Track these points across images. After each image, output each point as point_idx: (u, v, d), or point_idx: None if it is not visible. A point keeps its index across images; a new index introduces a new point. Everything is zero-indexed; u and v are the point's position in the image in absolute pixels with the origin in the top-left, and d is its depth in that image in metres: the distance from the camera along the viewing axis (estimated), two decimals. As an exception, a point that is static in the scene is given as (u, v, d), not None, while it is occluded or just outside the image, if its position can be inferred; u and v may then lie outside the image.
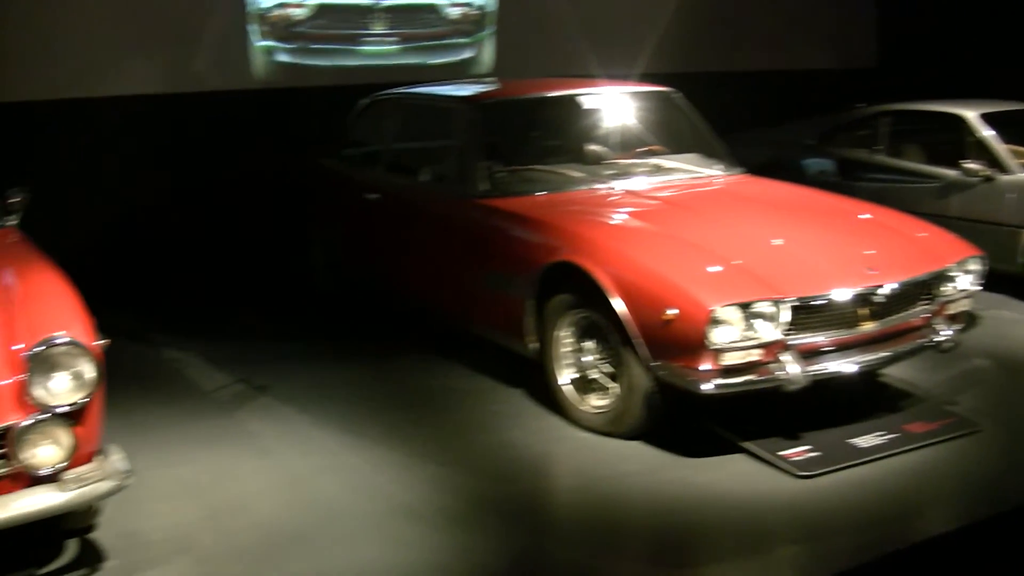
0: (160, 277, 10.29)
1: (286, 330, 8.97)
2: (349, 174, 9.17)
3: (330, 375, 7.66)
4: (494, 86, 9.20)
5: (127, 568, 5.01)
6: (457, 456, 6.23)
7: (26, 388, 4.54)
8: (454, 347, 7.98)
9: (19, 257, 5.77)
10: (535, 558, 5.17)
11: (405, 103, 9.02)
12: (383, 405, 7.05)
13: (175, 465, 6.12)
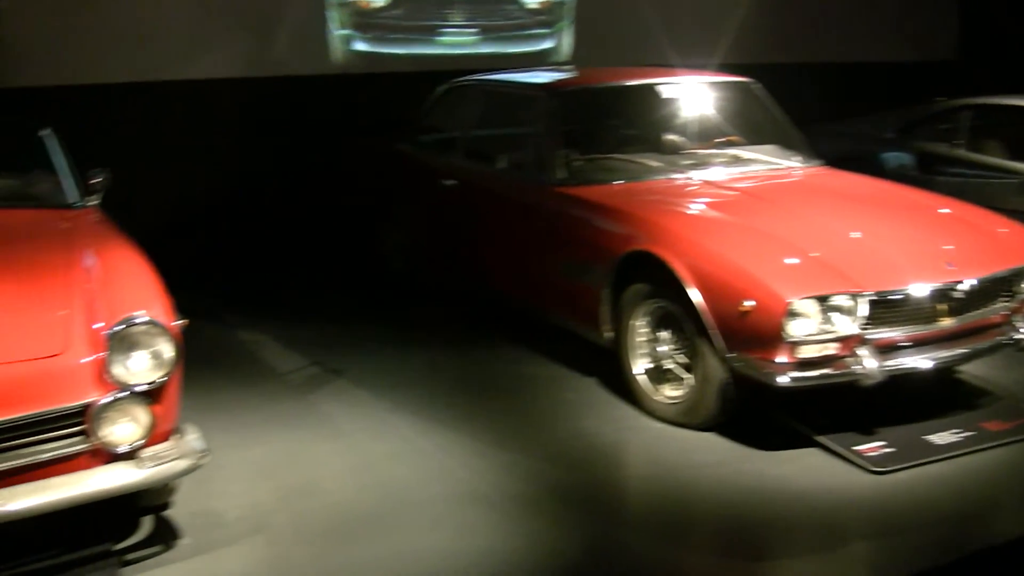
0: (237, 259, 10.37)
1: (361, 314, 8.99)
2: (426, 160, 9.16)
3: (404, 360, 7.68)
4: (573, 74, 9.17)
5: (201, 546, 5.06)
6: (529, 443, 6.23)
7: (106, 366, 4.60)
8: (528, 334, 7.97)
9: (100, 236, 5.84)
10: (606, 547, 5.15)
11: (483, 90, 9.01)
12: (456, 390, 7.06)
13: (249, 446, 6.17)
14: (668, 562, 5.07)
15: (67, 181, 6.61)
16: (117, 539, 5.10)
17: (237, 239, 10.62)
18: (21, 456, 4.52)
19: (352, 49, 11.86)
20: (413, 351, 7.89)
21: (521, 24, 12.57)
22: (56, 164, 6.70)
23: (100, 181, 6.58)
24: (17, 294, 4.98)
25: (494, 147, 8.38)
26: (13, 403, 4.47)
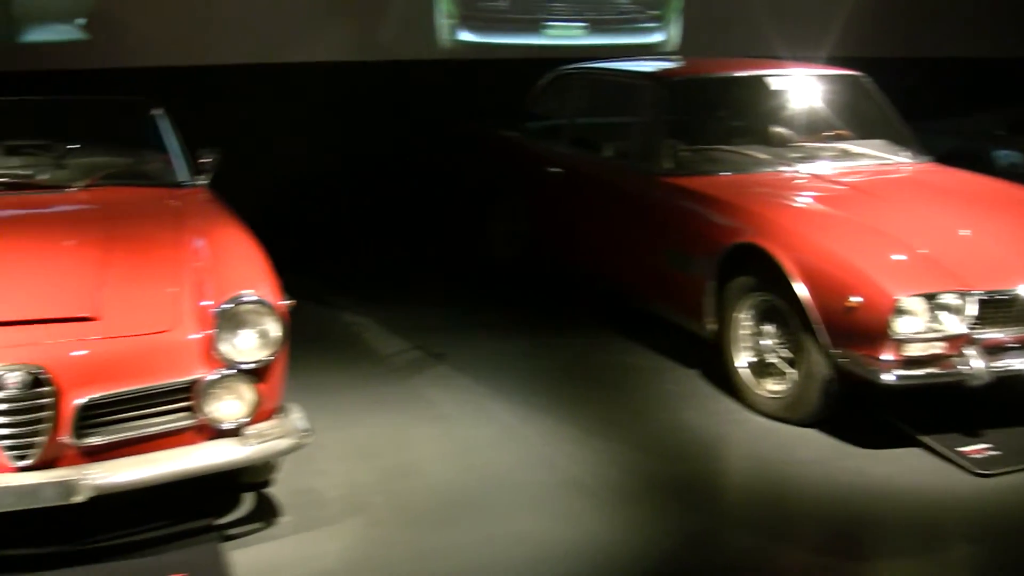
0: (341, 241, 10.45)
1: (464, 299, 9.02)
2: (532, 147, 9.17)
3: (506, 346, 7.70)
4: (681, 64, 9.15)
5: (301, 524, 5.11)
6: (629, 433, 6.22)
7: (213, 344, 4.67)
8: (630, 323, 7.96)
9: (209, 216, 5.93)
10: (705, 540, 5.14)
11: (590, 78, 9.01)
12: (557, 378, 7.06)
13: (351, 427, 6.22)
14: (766, 557, 5.04)
15: (178, 160, 6.72)
16: (219, 514, 5.17)
17: (342, 222, 10.70)
18: (129, 429, 4.60)
19: (457, 38, 11.91)
20: (515, 337, 7.91)
21: (631, 18, 12.54)
22: (167, 143, 6.82)
23: (210, 161, 6.67)
24: (129, 270, 5.08)
25: (600, 135, 8.39)
26: (123, 377, 4.56)
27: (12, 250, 5.37)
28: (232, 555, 4.81)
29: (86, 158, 6.71)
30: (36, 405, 4.40)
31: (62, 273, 5.07)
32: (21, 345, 4.50)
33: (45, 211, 6.09)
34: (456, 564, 4.82)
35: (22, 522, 4.64)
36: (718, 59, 9.34)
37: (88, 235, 5.50)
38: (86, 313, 4.70)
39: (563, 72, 9.31)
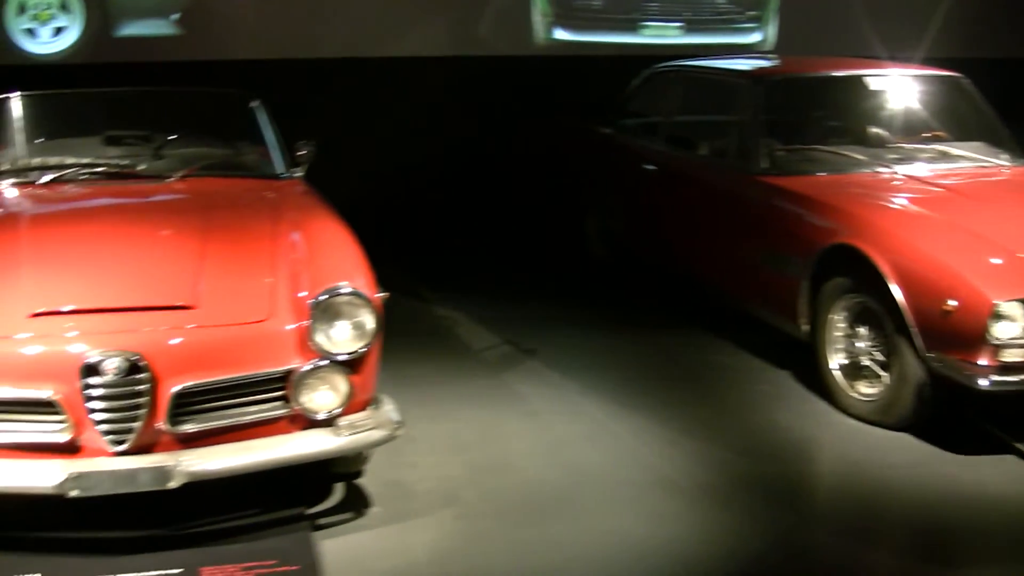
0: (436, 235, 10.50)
1: (557, 295, 9.00)
2: (627, 144, 9.16)
3: (598, 343, 7.70)
4: (779, 62, 9.08)
5: (391, 516, 5.14)
6: (721, 433, 6.19)
7: (308, 334, 4.71)
8: (723, 322, 7.91)
9: (305, 207, 5.99)
10: (793, 543, 5.09)
11: (687, 76, 8.98)
12: (649, 376, 7.04)
13: (442, 420, 6.24)
14: (855, 562, 4.97)
15: (275, 152, 6.79)
16: (310, 504, 5.22)
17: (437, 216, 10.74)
18: (225, 417, 4.68)
19: (553, 37, 11.91)
20: (608, 334, 7.90)
21: (729, 18, 12.48)
22: (265, 135, 6.88)
23: (306, 153, 6.72)
24: (226, 260, 5.15)
25: (696, 133, 8.36)
26: (219, 365, 4.63)
27: (112, 238, 5.47)
28: (322, 544, 4.85)
29: (184, 149, 6.79)
30: (134, 391, 4.48)
31: (161, 262, 5.15)
32: (120, 332, 4.58)
33: (144, 200, 6.17)
34: (546, 560, 4.82)
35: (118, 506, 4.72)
36: (816, 58, 9.26)
37: (186, 225, 5.58)
38: (184, 302, 4.77)
39: (659, 70, 9.29)
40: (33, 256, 5.16)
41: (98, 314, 4.68)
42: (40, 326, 4.63)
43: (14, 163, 6.55)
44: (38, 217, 5.90)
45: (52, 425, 4.51)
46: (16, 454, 4.55)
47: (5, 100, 6.84)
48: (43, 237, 5.46)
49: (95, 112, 7.12)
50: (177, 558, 4.71)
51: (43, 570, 4.63)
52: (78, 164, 6.41)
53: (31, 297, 4.77)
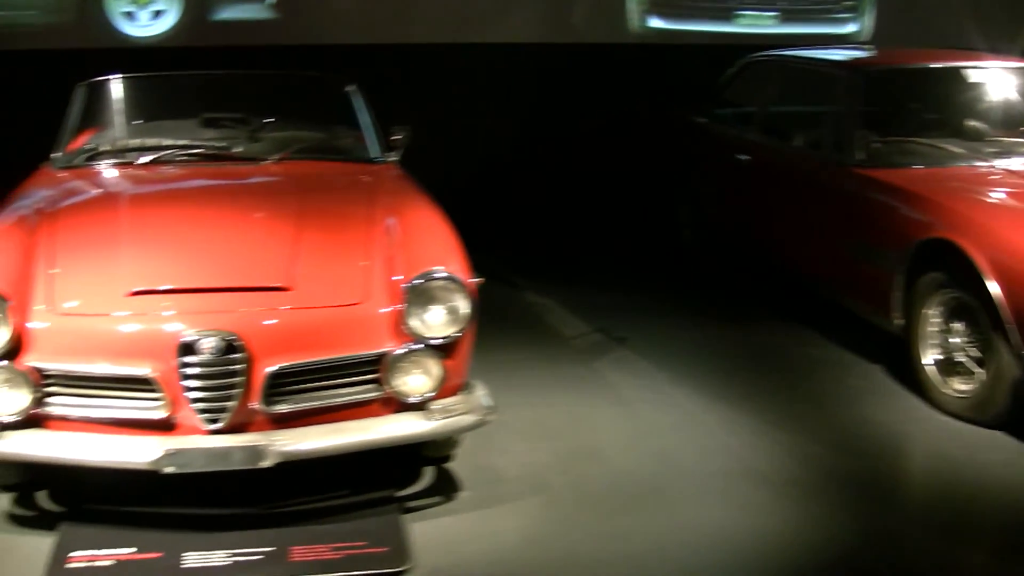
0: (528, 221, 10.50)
1: (648, 283, 8.99)
2: (721, 133, 9.11)
3: (688, 332, 7.67)
4: (875, 54, 8.98)
5: (480, 501, 5.16)
6: (811, 426, 6.14)
7: (403, 318, 4.74)
8: (815, 314, 7.84)
9: (400, 192, 6.01)
10: (884, 539, 5.02)
11: (782, 66, 8.91)
12: (740, 367, 7.00)
13: (532, 406, 6.25)
14: (946, 560, 4.90)
15: (370, 136, 6.81)
16: (400, 487, 5.25)
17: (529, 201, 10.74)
18: (318, 398, 4.72)
19: (648, 25, 11.87)
20: (698, 323, 7.87)
21: (826, 8, 12.37)
22: (360, 120, 6.91)
23: (401, 138, 6.73)
24: (322, 243, 5.19)
25: (791, 124, 8.30)
26: (314, 347, 4.67)
27: (208, 219, 5.52)
28: (411, 527, 4.87)
29: (280, 132, 6.85)
30: (229, 371, 4.53)
31: (257, 243, 5.20)
32: (217, 312, 4.64)
33: (240, 182, 6.22)
34: (634, 548, 4.81)
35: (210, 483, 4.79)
36: (913, 50, 9.17)
37: (282, 207, 5.62)
38: (280, 283, 4.81)
39: (755, 59, 9.23)
40: (132, 236, 5.23)
41: (195, 294, 4.74)
42: (138, 304, 4.69)
43: (113, 144, 6.64)
44: (136, 197, 5.98)
45: (149, 402, 4.58)
46: (113, 430, 4.63)
47: (104, 83, 6.93)
48: (141, 217, 5.52)
49: (192, 95, 7.20)
50: (268, 537, 4.76)
51: (137, 544, 4.70)
52: (175, 146, 6.48)
53: (130, 276, 4.83)
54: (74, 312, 4.72)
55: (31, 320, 4.67)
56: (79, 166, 6.43)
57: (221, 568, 4.55)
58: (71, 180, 6.21)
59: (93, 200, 5.99)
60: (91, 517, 4.93)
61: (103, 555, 4.63)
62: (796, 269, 8.09)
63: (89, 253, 5.10)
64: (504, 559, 4.70)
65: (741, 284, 8.93)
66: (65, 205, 5.69)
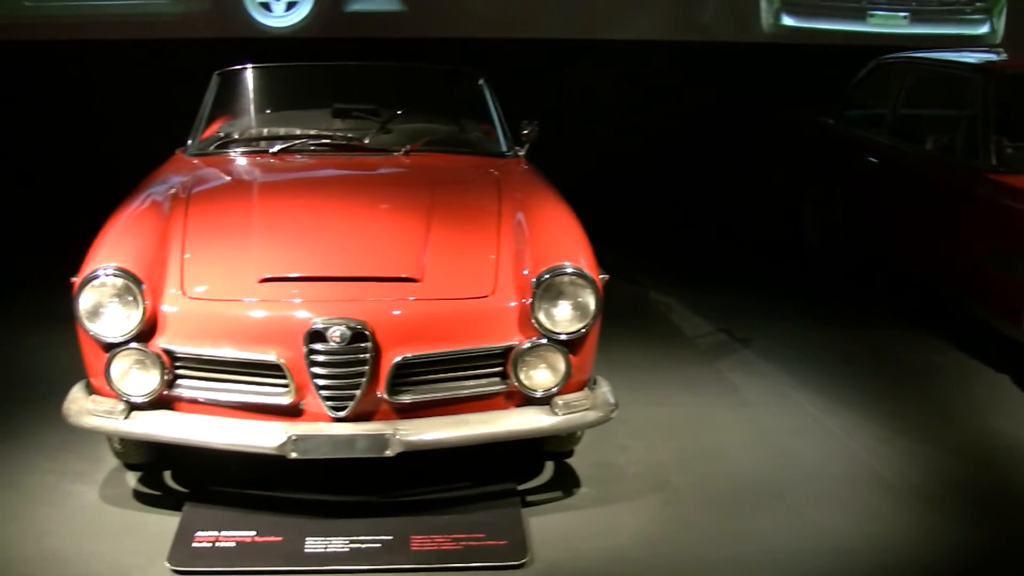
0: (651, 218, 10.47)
1: (772, 285, 8.91)
2: (850, 135, 9.02)
3: (813, 334, 7.59)
4: (1008, 56, 8.83)
5: (600, 498, 5.17)
6: (934, 434, 6.05)
7: (530, 312, 4.74)
8: (941, 319, 7.75)
9: (529, 186, 6.01)
10: (1007, 554, 4.94)
11: (913, 67, 8.77)
12: (864, 371, 6.91)
13: (653, 405, 6.24)
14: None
15: (500, 130, 6.83)
16: (520, 479, 5.27)
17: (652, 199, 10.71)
18: (443, 390, 4.75)
19: (780, 23, 11.79)
20: (822, 327, 7.78)
21: (957, 8, 12.18)
22: (490, 113, 6.93)
23: (529, 132, 6.73)
24: (451, 235, 5.20)
25: (921, 127, 8.19)
26: (441, 339, 4.70)
27: (339, 209, 5.57)
28: (530, 521, 4.89)
29: (411, 124, 6.87)
30: (356, 359, 4.57)
31: (386, 234, 5.23)
32: (346, 300, 4.68)
33: (370, 173, 6.26)
34: (753, 550, 4.79)
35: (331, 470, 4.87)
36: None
37: (412, 199, 5.64)
38: (409, 274, 4.84)
39: (885, 61, 9.13)
40: (263, 223, 5.29)
41: (325, 282, 4.79)
42: (268, 291, 4.76)
43: (245, 133, 6.72)
44: (268, 185, 6.04)
45: (276, 388, 4.64)
46: (240, 414, 4.71)
47: (238, 72, 7.03)
48: (273, 205, 5.57)
49: (324, 85, 7.27)
50: (388, 525, 4.81)
51: (258, 528, 4.79)
52: (307, 136, 6.54)
53: (261, 263, 4.90)
54: (205, 297, 4.80)
55: (164, 303, 4.75)
56: (212, 153, 6.52)
57: (341, 554, 4.62)
58: (204, 167, 6.30)
59: (225, 187, 6.07)
60: (214, 499, 5.04)
61: (226, 536, 4.73)
62: (925, 274, 7.98)
63: (221, 239, 5.18)
64: (622, 557, 4.70)
65: (867, 287, 8.82)
66: (198, 191, 5.77)
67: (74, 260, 4.96)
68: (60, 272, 5.12)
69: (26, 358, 6.91)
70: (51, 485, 5.23)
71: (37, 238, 9.84)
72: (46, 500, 5.09)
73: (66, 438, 5.51)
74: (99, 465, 5.39)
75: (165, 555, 4.58)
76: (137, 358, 4.69)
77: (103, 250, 4.96)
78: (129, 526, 4.88)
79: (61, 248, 5.62)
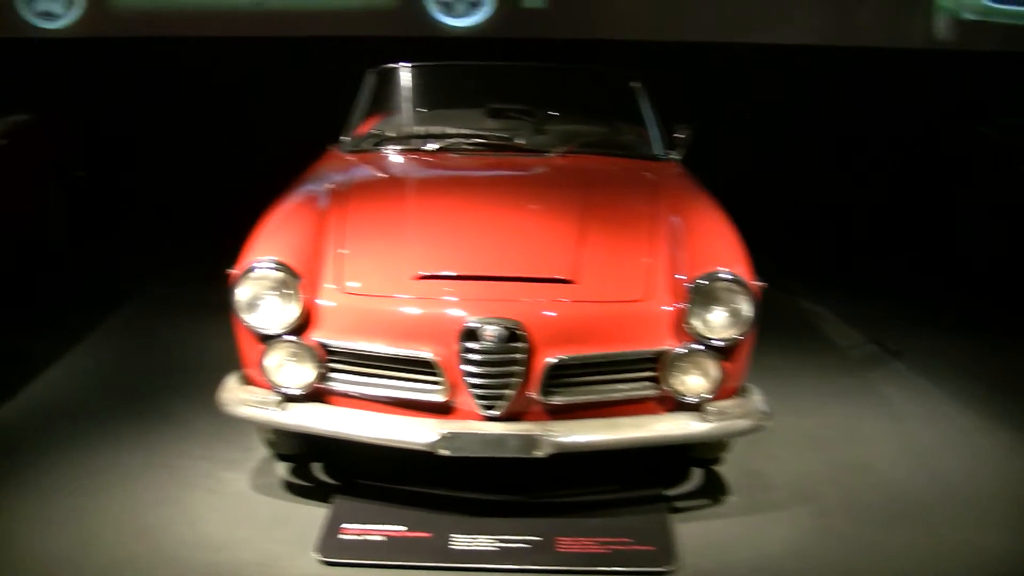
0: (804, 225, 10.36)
1: (926, 296, 8.77)
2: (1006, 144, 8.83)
3: (968, 347, 7.45)
4: None
5: (748, 507, 5.11)
6: (1096, 455, 5.89)
7: (684, 318, 4.71)
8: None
9: (684, 190, 5.98)
10: None
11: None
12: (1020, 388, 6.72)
13: (802, 414, 6.16)
14: None
15: (653, 133, 6.80)
16: (668, 485, 5.23)
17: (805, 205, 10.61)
18: (593, 392, 4.73)
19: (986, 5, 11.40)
20: (978, 339, 7.65)
21: None
22: (645, 116, 6.92)
23: (684, 137, 6.70)
24: (606, 238, 5.18)
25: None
26: (594, 341, 4.69)
27: (493, 208, 5.59)
28: (677, 527, 4.85)
29: (564, 125, 6.89)
30: (510, 359, 4.58)
31: (541, 235, 5.23)
32: (500, 300, 4.69)
33: (524, 174, 6.28)
34: (903, 566, 4.70)
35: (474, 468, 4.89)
36: None
37: (566, 200, 5.63)
38: (563, 275, 4.84)
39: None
40: (418, 221, 5.33)
41: (479, 281, 4.80)
42: (423, 288, 4.79)
43: (400, 131, 6.77)
44: (422, 183, 6.09)
45: (429, 385, 4.67)
46: (392, 409, 4.75)
47: (394, 70, 7.10)
48: (428, 203, 5.62)
49: (477, 85, 7.30)
50: (535, 525, 4.81)
51: (407, 523, 4.82)
52: (461, 135, 6.57)
53: (416, 260, 4.93)
54: (361, 292, 4.84)
55: (320, 297, 4.82)
56: (366, 150, 6.60)
57: (488, 553, 4.62)
58: (359, 164, 6.37)
59: (380, 184, 6.14)
60: (362, 492, 5.08)
61: (374, 530, 4.76)
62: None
63: (376, 235, 5.22)
64: (769, 567, 4.64)
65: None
66: (354, 187, 5.84)
67: (226, 252, 5.06)
68: (213, 264, 5.22)
69: (180, 347, 7.08)
70: (205, 472, 5.34)
71: (190, 230, 10.04)
72: (200, 486, 5.20)
73: (219, 427, 5.61)
74: (250, 454, 5.48)
75: (312, 545, 4.63)
76: (292, 350, 4.75)
77: (261, 243, 5.04)
78: (278, 515, 4.95)
79: (214, 241, 5.72)
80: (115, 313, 7.83)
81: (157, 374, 6.66)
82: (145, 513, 4.94)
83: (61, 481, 5.25)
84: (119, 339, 7.34)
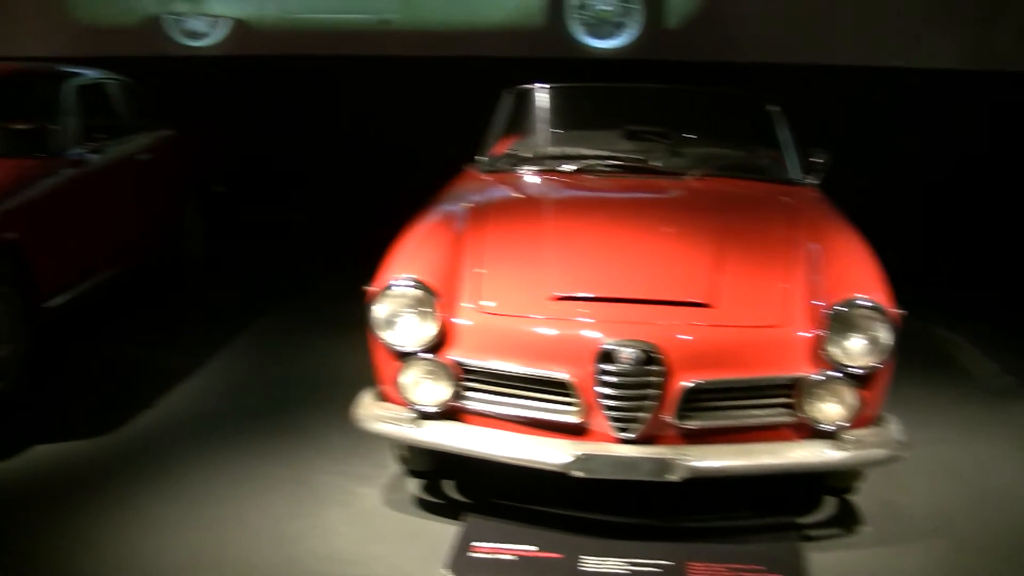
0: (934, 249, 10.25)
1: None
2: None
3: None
4: None
5: (882, 538, 5.03)
6: None
7: (822, 344, 4.67)
8: None
9: (822, 216, 5.93)
10: None
11: None
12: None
13: (938, 444, 6.05)
14: None
15: (791, 157, 6.75)
16: (799, 513, 5.18)
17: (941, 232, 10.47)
18: (728, 417, 4.70)
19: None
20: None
21: None
22: (782, 140, 6.86)
23: (821, 162, 6.64)
24: (743, 262, 5.16)
25: None
26: (730, 366, 4.67)
27: (629, 231, 5.59)
28: (809, 556, 4.79)
29: (700, 148, 6.89)
30: (645, 382, 4.57)
31: (677, 258, 5.22)
32: (637, 323, 4.69)
33: (661, 196, 6.28)
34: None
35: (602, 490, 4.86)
36: None
37: (703, 223, 5.62)
38: (700, 299, 4.82)
39: None
40: (554, 242, 5.35)
41: (616, 303, 4.81)
42: (560, 309, 4.81)
43: (536, 151, 6.83)
44: (559, 204, 6.11)
45: (565, 406, 4.68)
46: (525, 429, 4.76)
47: (530, 91, 7.16)
48: (563, 224, 5.64)
49: (614, 107, 7.32)
50: (666, 549, 4.78)
51: (539, 543, 4.82)
52: (598, 156, 6.60)
53: (552, 281, 4.96)
54: (497, 312, 4.88)
55: (456, 316, 4.86)
56: (503, 170, 6.65)
57: (618, 575, 4.61)
58: (496, 184, 6.43)
59: (517, 204, 6.19)
60: (493, 511, 5.10)
61: (505, 549, 4.78)
62: None
63: (513, 255, 5.26)
64: (903, 599, 4.58)
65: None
66: (491, 207, 5.90)
67: (361, 270, 5.13)
68: (348, 281, 5.29)
69: (316, 363, 7.19)
70: (339, 486, 5.41)
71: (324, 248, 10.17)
72: (334, 500, 5.27)
73: (353, 442, 5.65)
74: (383, 470, 5.53)
75: (443, 562, 4.66)
76: (428, 368, 4.79)
77: (399, 261, 5.10)
78: (410, 531, 4.99)
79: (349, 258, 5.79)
80: (250, 328, 7.98)
81: (293, 389, 6.77)
82: (280, 524, 5.02)
83: (201, 489, 5.37)
84: (255, 354, 7.48)
